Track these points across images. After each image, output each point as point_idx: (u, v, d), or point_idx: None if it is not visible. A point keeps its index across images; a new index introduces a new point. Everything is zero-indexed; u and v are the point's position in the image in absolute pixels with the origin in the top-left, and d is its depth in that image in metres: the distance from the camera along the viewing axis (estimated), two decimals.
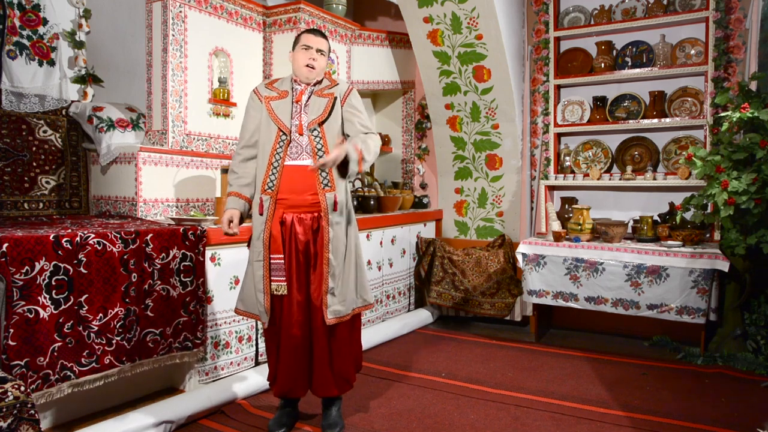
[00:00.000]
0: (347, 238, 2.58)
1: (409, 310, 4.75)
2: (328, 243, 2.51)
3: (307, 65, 2.58)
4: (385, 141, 5.33)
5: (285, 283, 2.50)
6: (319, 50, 2.61)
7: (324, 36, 2.65)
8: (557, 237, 4.10)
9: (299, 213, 2.52)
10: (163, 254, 2.75)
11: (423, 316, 4.64)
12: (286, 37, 4.20)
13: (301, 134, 2.54)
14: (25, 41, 3.40)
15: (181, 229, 2.86)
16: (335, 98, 2.60)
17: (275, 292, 2.50)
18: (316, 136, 2.54)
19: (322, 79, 2.68)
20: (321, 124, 2.55)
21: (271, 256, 2.51)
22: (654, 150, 4.33)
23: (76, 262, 2.40)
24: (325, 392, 2.60)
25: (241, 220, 2.61)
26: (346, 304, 2.55)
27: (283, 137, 2.53)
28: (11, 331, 2.18)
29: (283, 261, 2.50)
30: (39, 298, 2.27)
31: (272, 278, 2.51)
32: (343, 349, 2.60)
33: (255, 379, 3.07)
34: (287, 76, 2.69)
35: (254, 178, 2.61)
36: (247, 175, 2.61)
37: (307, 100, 2.59)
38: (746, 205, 3.28)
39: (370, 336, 3.95)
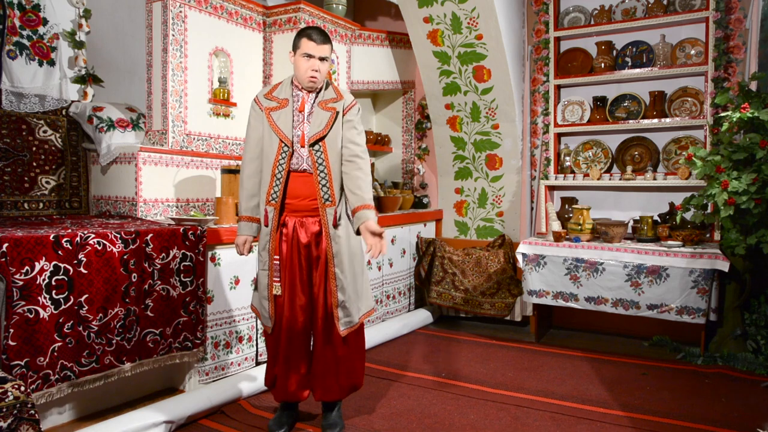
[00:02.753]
0: (350, 250, 2.58)
1: (409, 310, 4.75)
2: (333, 258, 2.51)
3: (311, 76, 2.51)
4: (385, 141, 5.33)
5: (279, 284, 2.52)
6: (322, 58, 2.52)
7: (326, 38, 2.55)
8: (557, 237, 4.09)
9: (301, 217, 2.53)
10: (163, 254, 2.75)
11: (423, 316, 4.64)
12: (286, 37, 4.20)
13: (303, 146, 2.52)
14: (25, 41, 3.40)
15: (181, 229, 2.86)
16: (337, 113, 2.55)
17: (273, 293, 2.52)
18: (317, 151, 2.51)
19: (327, 86, 2.62)
20: (322, 139, 2.51)
21: (273, 256, 2.53)
22: (654, 150, 4.33)
23: (76, 262, 2.40)
24: (325, 397, 2.60)
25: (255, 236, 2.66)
26: (355, 313, 2.57)
27: (285, 149, 2.50)
28: (11, 331, 2.18)
29: (278, 262, 2.52)
30: (39, 298, 2.27)
31: (272, 279, 2.53)
32: (353, 356, 2.61)
33: (255, 379, 3.07)
34: (287, 80, 2.64)
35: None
36: (256, 192, 2.60)
37: (310, 110, 2.56)
38: (746, 205, 3.28)
39: (371, 336, 3.94)
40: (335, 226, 2.52)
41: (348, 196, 2.54)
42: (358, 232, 2.54)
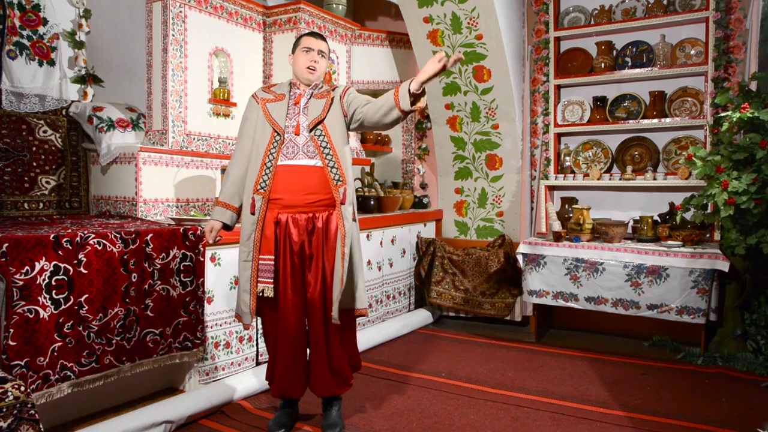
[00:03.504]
0: (355, 237, 2.59)
1: (409, 310, 4.75)
2: (343, 238, 2.47)
3: (309, 67, 2.58)
4: (385, 141, 5.33)
5: (271, 286, 2.48)
6: (320, 52, 2.60)
7: (324, 39, 2.65)
8: (557, 237, 4.09)
9: (294, 213, 2.51)
10: (163, 254, 2.75)
11: (423, 316, 4.64)
12: (286, 37, 4.20)
13: (297, 134, 2.53)
14: (25, 41, 3.40)
15: (181, 229, 2.86)
16: (333, 98, 2.60)
17: (262, 295, 2.49)
18: (319, 135, 2.53)
19: (321, 84, 2.67)
20: (321, 122, 2.54)
21: (261, 256, 2.49)
22: (654, 150, 4.33)
23: (76, 262, 2.40)
24: (324, 392, 2.60)
25: (229, 228, 2.62)
26: (350, 301, 2.55)
27: (277, 137, 2.53)
28: (11, 331, 2.18)
29: (272, 263, 2.49)
30: (39, 298, 2.27)
31: (259, 279, 2.49)
32: (340, 349, 2.60)
33: (255, 379, 3.07)
34: (286, 81, 2.70)
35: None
36: (239, 181, 2.60)
37: (306, 103, 2.59)
38: (746, 205, 3.28)
39: (371, 336, 3.95)
40: (343, 202, 2.50)
41: (379, 102, 2.46)
42: (415, 99, 2.35)
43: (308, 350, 2.62)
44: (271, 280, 2.49)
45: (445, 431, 2.67)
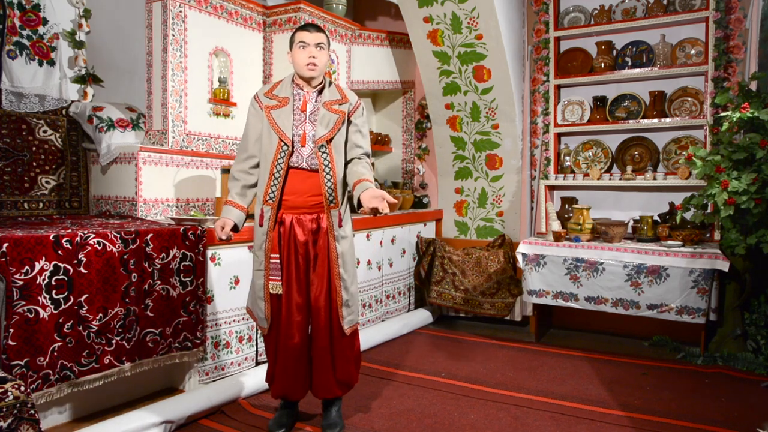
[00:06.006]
0: (352, 250, 2.61)
1: (409, 310, 4.75)
2: (338, 257, 2.52)
3: (308, 64, 2.50)
4: (385, 141, 5.33)
5: (280, 283, 2.49)
6: (318, 45, 2.51)
7: (320, 29, 2.55)
8: (557, 237, 4.09)
9: (299, 214, 2.52)
10: (163, 254, 2.75)
11: (423, 316, 4.64)
12: (286, 37, 4.20)
13: (303, 146, 2.50)
14: (25, 41, 3.40)
15: (181, 229, 2.86)
16: (344, 119, 2.56)
17: (271, 291, 2.51)
18: (323, 153, 2.50)
19: (325, 85, 2.60)
20: (329, 141, 2.51)
21: (270, 255, 2.50)
22: (654, 150, 4.33)
23: (76, 262, 2.40)
24: (326, 394, 2.60)
25: (236, 228, 2.57)
26: (356, 312, 2.60)
27: (285, 148, 2.48)
28: (11, 331, 2.18)
29: (278, 261, 2.49)
30: (39, 298, 2.27)
31: (270, 278, 2.51)
32: (346, 352, 2.60)
33: (255, 379, 3.07)
34: (287, 78, 2.62)
35: (252, 186, 2.60)
36: (246, 184, 2.59)
37: (314, 110, 2.54)
38: (746, 205, 3.28)
39: (370, 336, 3.95)
40: (341, 225, 2.53)
41: (349, 178, 2.56)
42: (359, 205, 2.46)
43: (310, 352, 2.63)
44: (279, 278, 2.49)
45: (445, 431, 2.67)
